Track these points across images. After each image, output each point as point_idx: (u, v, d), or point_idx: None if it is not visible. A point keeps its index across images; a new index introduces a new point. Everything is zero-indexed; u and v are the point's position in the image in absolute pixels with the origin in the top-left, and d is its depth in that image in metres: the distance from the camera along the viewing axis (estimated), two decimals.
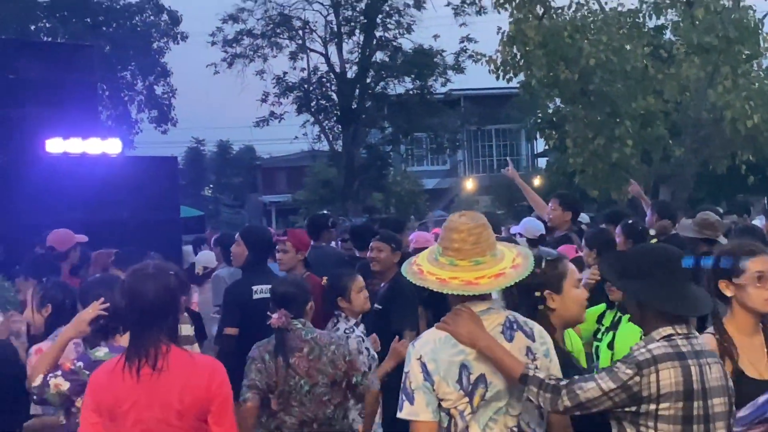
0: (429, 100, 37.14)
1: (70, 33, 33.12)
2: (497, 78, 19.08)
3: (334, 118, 37.19)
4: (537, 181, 40.38)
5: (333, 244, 10.01)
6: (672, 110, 18.30)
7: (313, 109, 36.77)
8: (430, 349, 3.49)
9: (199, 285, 8.71)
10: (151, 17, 35.35)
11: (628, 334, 5.02)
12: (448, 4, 36.30)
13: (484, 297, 3.56)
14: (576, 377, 3.43)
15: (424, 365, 3.46)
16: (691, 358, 3.38)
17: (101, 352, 4.26)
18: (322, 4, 36.76)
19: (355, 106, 36.36)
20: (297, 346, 5.20)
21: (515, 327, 3.57)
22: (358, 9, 36.56)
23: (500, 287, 3.58)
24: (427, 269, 3.57)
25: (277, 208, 48.18)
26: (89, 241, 8.74)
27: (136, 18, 35.24)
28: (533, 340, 3.58)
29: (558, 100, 20.99)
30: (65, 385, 4.18)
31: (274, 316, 5.18)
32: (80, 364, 4.22)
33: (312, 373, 5.17)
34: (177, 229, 11.35)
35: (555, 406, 3.37)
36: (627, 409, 3.34)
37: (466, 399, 3.46)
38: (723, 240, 7.38)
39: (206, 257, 9.31)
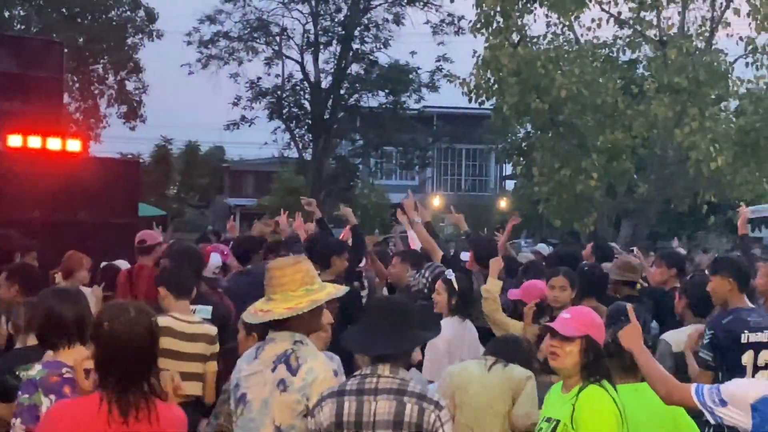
0: (401, 115, 37.13)
1: (44, 23, 32.79)
2: (470, 101, 19.17)
3: (306, 126, 37.09)
4: (503, 204, 40.56)
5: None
6: (639, 146, 18.43)
7: (284, 116, 36.65)
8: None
9: None
10: (128, 12, 35.03)
11: None
12: (427, 21, 36.39)
13: (279, 327, 4.06)
14: None
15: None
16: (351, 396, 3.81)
17: (34, 370, 4.16)
18: (301, 12, 36.70)
19: (328, 116, 36.29)
20: None
21: (283, 360, 4.00)
22: (336, 20, 36.53)
23: (286, 316, 4.03)
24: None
25: (242, 212, 47.94)
26: (44, 241, 8.59)
27: (113, 12, 34.95)
28: (293, 375, 3.97)
29: (529, 126, 21.09)
30: None
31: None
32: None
33: None
34: (133, 233, 11.23)
35: None
36: None
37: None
38: (643, 283, 7.71)
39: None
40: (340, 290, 4.21)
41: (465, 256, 8.47)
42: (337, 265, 7.65)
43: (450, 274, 6.50)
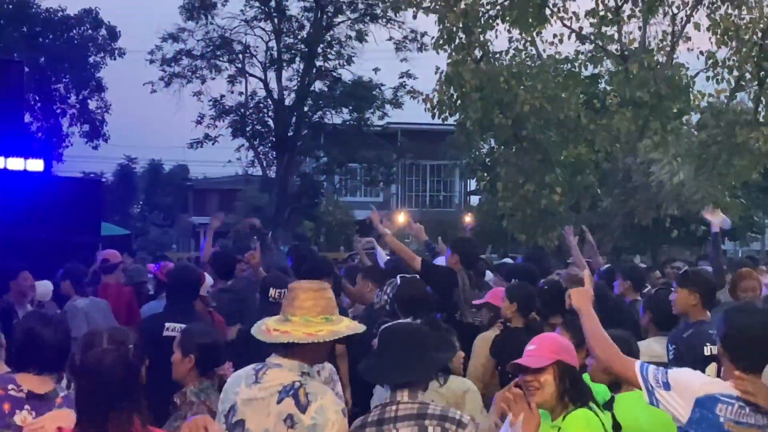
0: (365, 132, 37.19)
1: (5, 42, 32.57)
2: (433, 117, 19.18)
3: (270, 144, 37.05)
4: (468, 219, 40.65)
5: None
6: (602, 160, 18.53)
7: (248, 134, 36.58)
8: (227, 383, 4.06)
9: None
10: (89, 31, 34.91)
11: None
12: (390, 38, 36.51)
13: (286, 351, 3.86)
14: None
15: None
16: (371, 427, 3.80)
17: None
18: (263, 29, 36.71)
19: (291, 133, 36.27)
20: None
21: (290, 393, 3.78)
22: (299, 37, 36.57)
23: (306, 341, 3.84)
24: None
25: (206, 230, 47.69)
26: (3, 260, 8.53)
27: (74, 31, 34.79)
28: (302, 412, 3.74)
29: (492, 142, 21.15)
30: None
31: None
32: None
33: None
34: (94, 252, 11.16)
35: None
36: None
37: None
38: None
39: (42, 289, 8.56)
40: (358, 327, 4.02)
41: (440, 260, 8.51)
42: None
43: (397, 280, 6.59)
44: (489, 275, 10.03)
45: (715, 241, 8.71)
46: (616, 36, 18.54)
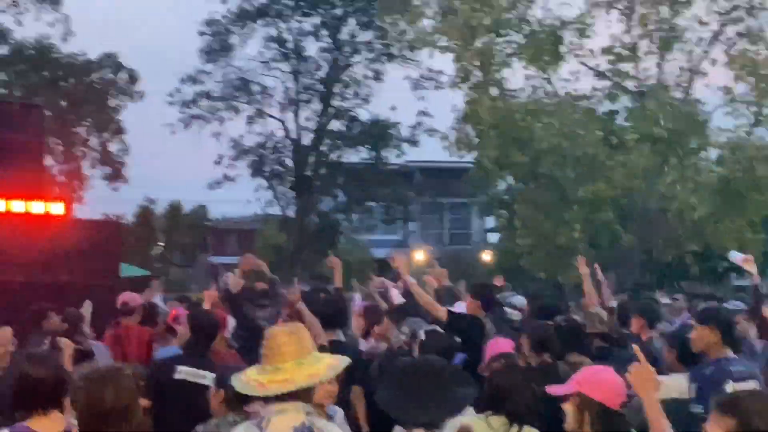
0: (383, 170, 37.26)
1: (27, 86, 32.89)
2: (450, 154, 19.27)
3: (288, 184, 37.16)
4: (486, 257, 40.55)
5: None
6: (620, 197, 18.50)
7: (267, 174, 36.72)
8: None
9: None
10: (110, 74, 35.21)
11: None
12: (407, 77, 36.67)
13: (283, 398, 3.79)
14: None
15: None
16: None
17: None
18: (281, 70, 36.95)
19: (310, 173, 36.40)
20: None
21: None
22: (317, 77, 36.79)
23: (312, 383, 3.83)
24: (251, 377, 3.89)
25: (226, 270, 47.75)
26: (28, 303, 8.59)
27: (94, 75, 35.09)
28: None
29: (510, 179, 21.17)
30: None
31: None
32: None
33: None
34: (114, 294, 11.19)
35: None
36: None
37: None
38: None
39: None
40: (343, 359, 4.00)
41: (459, 306, 8.48)
42: None
43: (421, 335, 6.54)
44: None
45: (757, 293, 8.63)
46: (632, 72, 18.57)
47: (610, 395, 4.10)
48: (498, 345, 6.51)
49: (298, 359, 3.82)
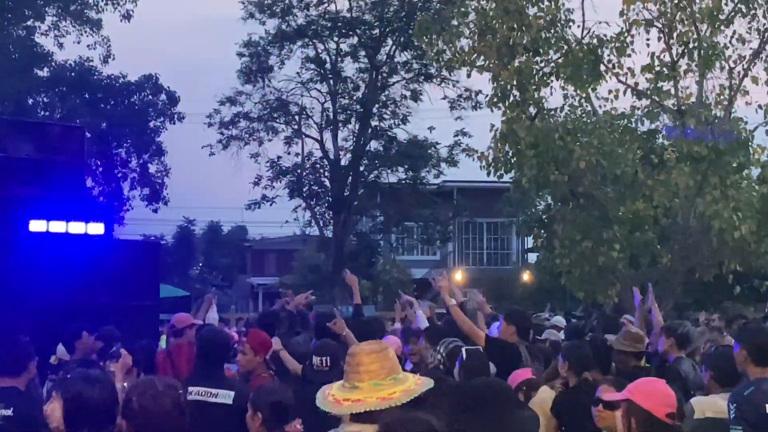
0: (421, 190, 37.31)
1: (67, 108, 33.32)
2: (488, 174, 19.16)
3: (326, 204, 37.28)
4: (526, 277, 40.39)
5: None
6: (661, 216, 18.32)
7: (305, 194, 36.88)
8: None
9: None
10: (150, 96, 35.59)
11: None
12: (445, 97, 36.73)
13: (358, 418, 3.77)
14: None
15: None
16: None
17: None
18: (319, 91, 37.18)
19: (347, 193, 36.50)
20: None
21: None
22: (355, 98, 36.97)
23: (383, 407, 3.75)
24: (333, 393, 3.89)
25: (265, 291, 47.95)
26: (68, 325, 8.67)
27: (135, 96, 35.48)
28: None
29: (548, 198, 21.05)
30: None
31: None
32: None
33: None
34: (154, 315, 11.25)
35: None
36: None
37: None
38: None
39: (61, 350, 8.74)
40: (426, 382, 3.96)
41: (493, 329, 8.44)
42: None
43: (463, 354, 6.55)
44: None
45: None
46: (672, 91, 18.41)
47: (657, 404, 4.20)
48: (518, 373, 6.60)
49: (377, 381, 3.79)
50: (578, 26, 18.66)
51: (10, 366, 6.08)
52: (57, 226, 11.02)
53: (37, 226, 10.90)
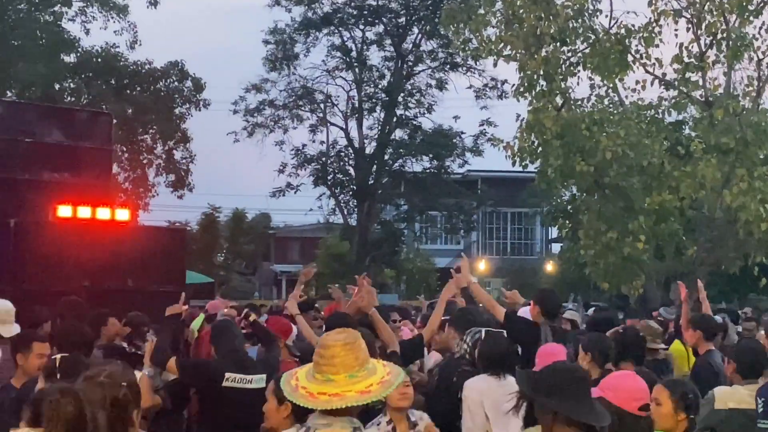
0: (446, 179, 37.27)
1: (93, 94, 33.45)
2: (513, 164, 19.13)
3: (350, 192, 37.32)
4: (549, 267, 40.29)
5: None
6: (687, 207, 18.23)
7: (329, 183, 36.94)
8: None
9: None
10: (175, 83, 35.65)
11: None
12: (470, 86, 36.65)
13: (333, 411, 3.64)
14: None
15: None
16: None
17: None
18: (345, 79, 37.21)
19: (372, 181, 36.53)
20: None
21: None
22: (380, 86, 36.96)
23: (363, 402, 3.65)
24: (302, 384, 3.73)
25: (288, 278, 48.06)
26: (94, 311, 8.70)
27: (160, 83, 35.57)
28: None
29: (574, 189, 20.98)
30: None
31: None
32: None
33: None
34: (179, 301, 11.29)
35: None
36: None
37: None
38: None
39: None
40: (396, 369, 3.83)
41: (524, 311, 8.41)
42: None
43: (481, 333, 6.52)
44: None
45: None
46: (700, 82, 18.28)
47: (626, 399, 4.24)
48: (553, 352, 6.43)
49: (351, 372, 3.67)
50: (606, 16, 18.59)
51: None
52: (83, 212, 11.08)
53: (64, 211, 10.96)
